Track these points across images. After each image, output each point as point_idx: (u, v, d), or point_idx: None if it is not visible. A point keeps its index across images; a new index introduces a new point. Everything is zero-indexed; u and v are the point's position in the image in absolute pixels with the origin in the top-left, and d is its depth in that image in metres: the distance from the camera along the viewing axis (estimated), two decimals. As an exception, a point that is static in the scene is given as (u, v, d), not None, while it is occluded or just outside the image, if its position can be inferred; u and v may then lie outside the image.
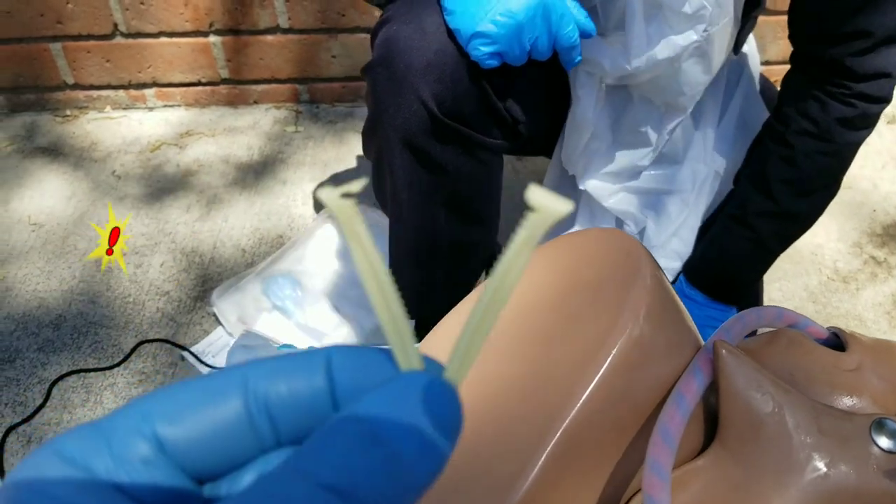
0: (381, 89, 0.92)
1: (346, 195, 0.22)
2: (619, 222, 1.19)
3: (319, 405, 0.23)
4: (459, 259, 1.11)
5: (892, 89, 0.98)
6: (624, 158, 1.12)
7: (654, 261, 0.58)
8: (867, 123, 1.00)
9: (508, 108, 0.99)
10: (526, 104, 1.01)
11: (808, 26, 0.97)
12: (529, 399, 0.53)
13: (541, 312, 0.60)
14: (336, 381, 0.23)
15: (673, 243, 1.18)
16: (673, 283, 1.18)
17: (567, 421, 0.50)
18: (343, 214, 0.22)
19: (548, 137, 1.14)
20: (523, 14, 0.84)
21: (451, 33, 0.89)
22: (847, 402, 0.53)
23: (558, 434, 0.49)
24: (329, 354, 0.24)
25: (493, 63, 0.88)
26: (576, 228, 1.21)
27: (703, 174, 1.15)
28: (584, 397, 0.50)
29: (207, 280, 1.38)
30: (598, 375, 0.50)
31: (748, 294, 1.20)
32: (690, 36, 0.94)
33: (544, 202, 0.21)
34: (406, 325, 0.23)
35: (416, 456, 0.20)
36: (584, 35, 0.91)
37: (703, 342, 0.58)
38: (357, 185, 0.22)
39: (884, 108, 0.99)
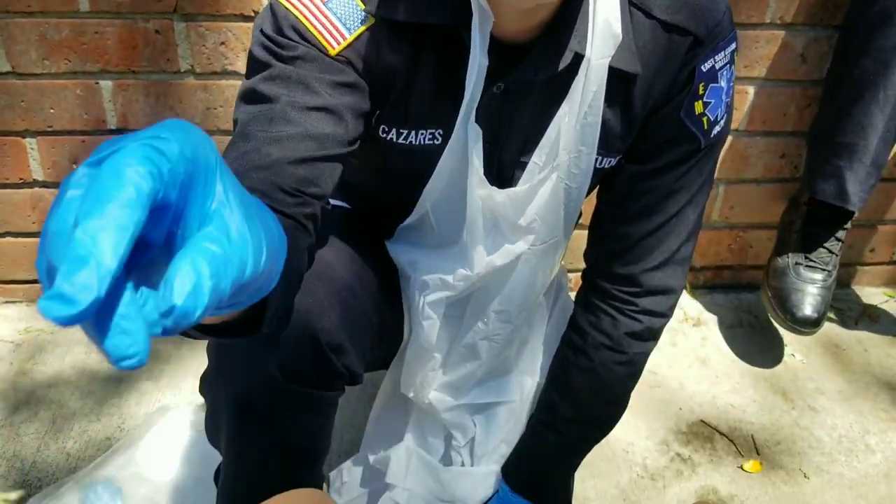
0: (222, 355, 0.94)
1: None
2: (449, 434, 1.26)
3: None
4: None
5: (673, 305, 1.12)
6: (458, 373, 1.20)
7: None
8: (653, 336, 1.13)
9: (347, 366, 0.97)
10: (363, 350, 1.01)
11: (608, 243, 1.08)
12: None
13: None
14: None
15: (501, 448, 1.25)
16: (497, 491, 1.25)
17: None
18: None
19: (384, 361, 1.21)
20: None
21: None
22: None
23: None
24: None
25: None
26: (408, 436, 1.26)
27: (529, 385, 1.24)
28: None
29: (27, 486, 1.36)
30: None
31: (561, 490, 1.28)
32: (522, 246, 1.04)
33: None
34: None
35: None
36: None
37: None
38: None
39: (666, 323, 1.13)
